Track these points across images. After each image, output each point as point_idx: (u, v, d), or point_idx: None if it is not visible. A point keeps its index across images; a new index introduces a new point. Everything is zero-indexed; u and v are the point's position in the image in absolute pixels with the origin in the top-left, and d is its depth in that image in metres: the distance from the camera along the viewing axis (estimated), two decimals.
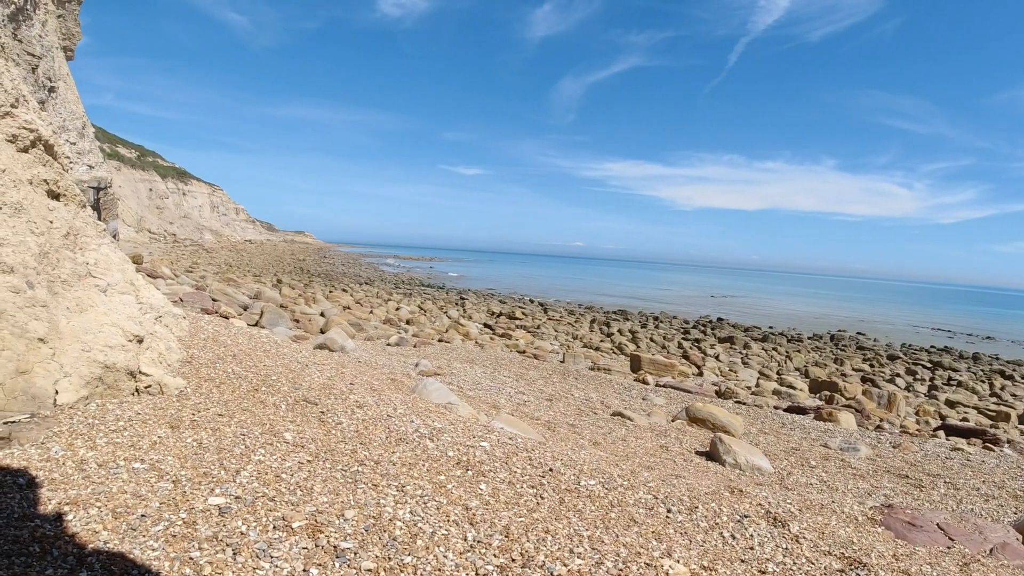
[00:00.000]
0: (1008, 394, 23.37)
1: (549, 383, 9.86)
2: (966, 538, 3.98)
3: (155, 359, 4.26)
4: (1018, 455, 10.39)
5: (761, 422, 9.49)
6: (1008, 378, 27.29)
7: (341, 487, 2.98)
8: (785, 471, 6.59)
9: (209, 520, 2.52)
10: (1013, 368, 30.48)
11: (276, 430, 3.61)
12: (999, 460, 8.96)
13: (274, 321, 13.28)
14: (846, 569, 3.10)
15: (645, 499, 3.56)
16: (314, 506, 2.74)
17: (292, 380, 4.88)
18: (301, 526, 2.56)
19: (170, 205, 66.96)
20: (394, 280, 54.16)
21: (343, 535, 2.54)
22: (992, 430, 13.45)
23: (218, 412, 3.79)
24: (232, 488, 2.79)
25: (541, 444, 4.55)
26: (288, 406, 4.17)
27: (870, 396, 16.25)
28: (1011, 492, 7.07)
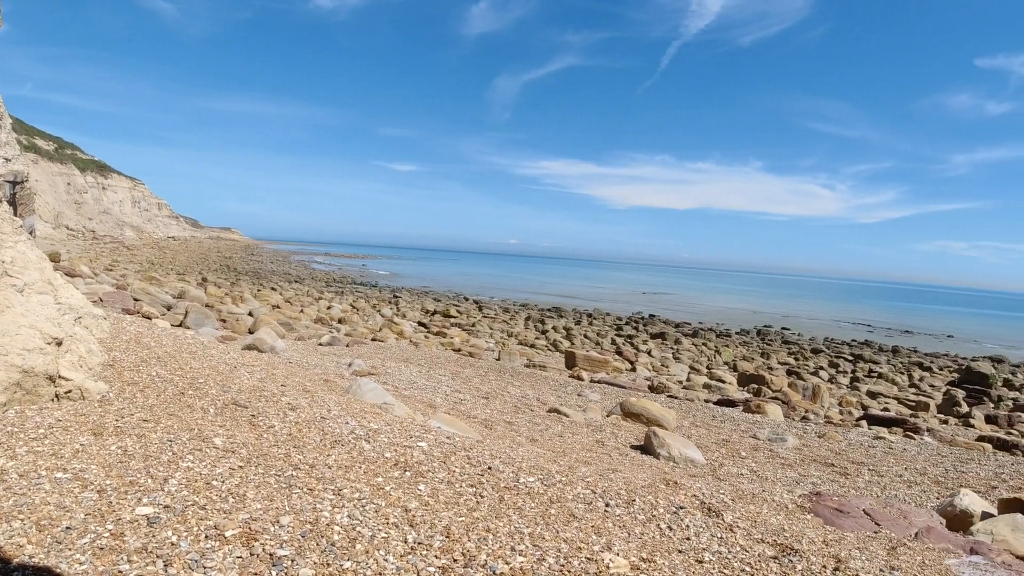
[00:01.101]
0: (926, 385, 24.50)
1: (485, 381, 9.86)
2: (892, 523, 4.14)
3: (76, 363, 4.08)
4: (938, 443, 10.89)
5: (693, 415, 9.69)
6: (926, 370, 28.60)
7: (275, 493, 2.91)
8: (717, 462, 6.75)
9: (137, 531, 2.42)
10: (931, 360, 31.97)
11: (205, 435, 3.51)
12: (920, 448, 9.37)
13: (200, 321, 12.91)
14: (779, 556, 3.19)
15: (584, 494, 3.58)
16: (248, 513, 2.66)
17: (220, 383, 4.75)
18: (235, 534, 2.49)
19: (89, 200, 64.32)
20: (325, 278, 53.32)
21: (279, 542, 2.48)
22: (912, 419, 14.06)
23: (143, 418, 3.66)
24: (160, 497, 2.70)
25: (479, 442, 4.54)
26: (217, 410, 4.05)
27: (796, 388, 16.79)
28: (932, 478, 7.40)
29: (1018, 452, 11.32)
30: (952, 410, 18.37)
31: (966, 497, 5.41)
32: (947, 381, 25.44)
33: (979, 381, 23.68)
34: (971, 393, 22.00)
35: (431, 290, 50.92)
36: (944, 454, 9.00)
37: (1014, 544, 4.29)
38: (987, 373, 24.28)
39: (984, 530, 4.50)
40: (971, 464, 8.36)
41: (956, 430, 14.73)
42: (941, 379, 26.22)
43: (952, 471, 7.86)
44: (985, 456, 9.38)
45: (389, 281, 59.73)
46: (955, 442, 11.33)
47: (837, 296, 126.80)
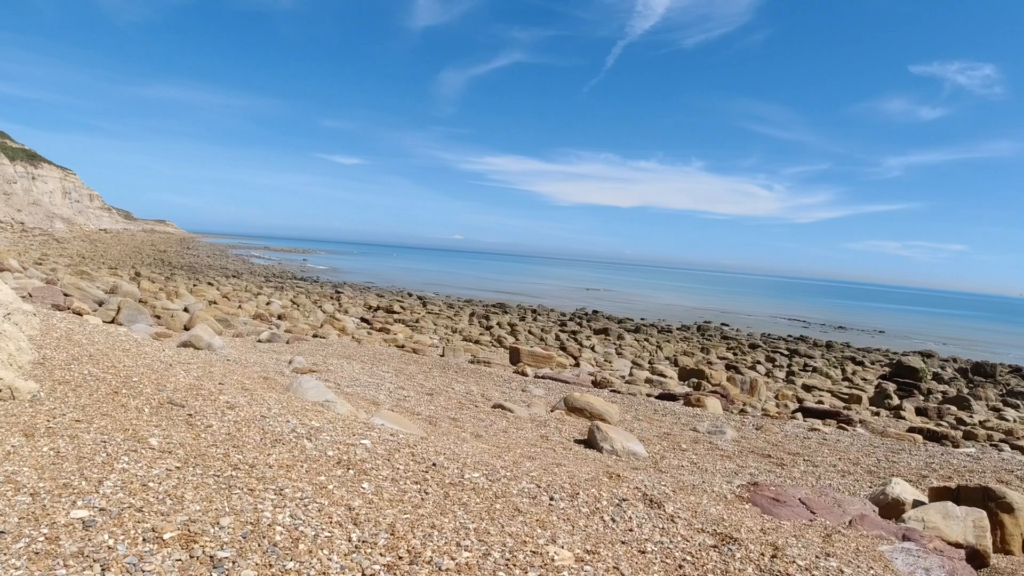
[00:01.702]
0: (859, 378, 25.31)
1: (429, 377, 9.81)
2: (827, 511, 4.26)
3: (4, 361, 3.92)
4: (870, 434, 11.25)
5: (635, 409, 9.81)
6: (859, 364, 29.54)
7: (214, 494, 2.84)
8: (659, 455, 6.85)
9: (73, 535, 2.34)
10: (863, 355, 33.05)
11: (140, 436, 3.40)
12: (853, 439, 9.67)
13: (133, 318, 12.55)
14: (719, 545, 3.25)
15: (528, 488, 3.60)
16: (186, 515, 2.59)
17: (156, 381, 4.61)
18: (173, 537, 2.42)
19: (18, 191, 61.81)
20: (265, 273, 52.30)
21: (220, 544, 2.42)
22: (845, 411, 14.51)
23: (75, 418, 3.53)
24: (96, 500, 2.60)
25: (423, 439, 4.51)
26: (152, 409, 3.93)
27: (734, 382, 17.16)
28: (865, 468, 7.65)
29: (947, 443, 11.78)
30: (884, 403, 19.03)
31: (898, 486, 5.61)
32: (879, 375, 26.32)
33: (909, 375, 24.59)
34: (902, 386, 22.82)
35: (374, 286, 50.44)
36: (876, 445, 9.31)
37: (945, 531, 4.45)
38: (917, 367, 25.23)
39: (916, 517, 4.67)
40: (902, 454, 8.66)
41: (888, 422, 15.26)
42: (873, 373, 27.12)
43: (884, 461, 8.13)
44: (916, 446, 9.73)
45: (331, 276, 58.94)
46: (887, 433, 11.73)
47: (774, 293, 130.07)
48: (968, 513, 4.72)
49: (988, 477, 7.58)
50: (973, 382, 26.90)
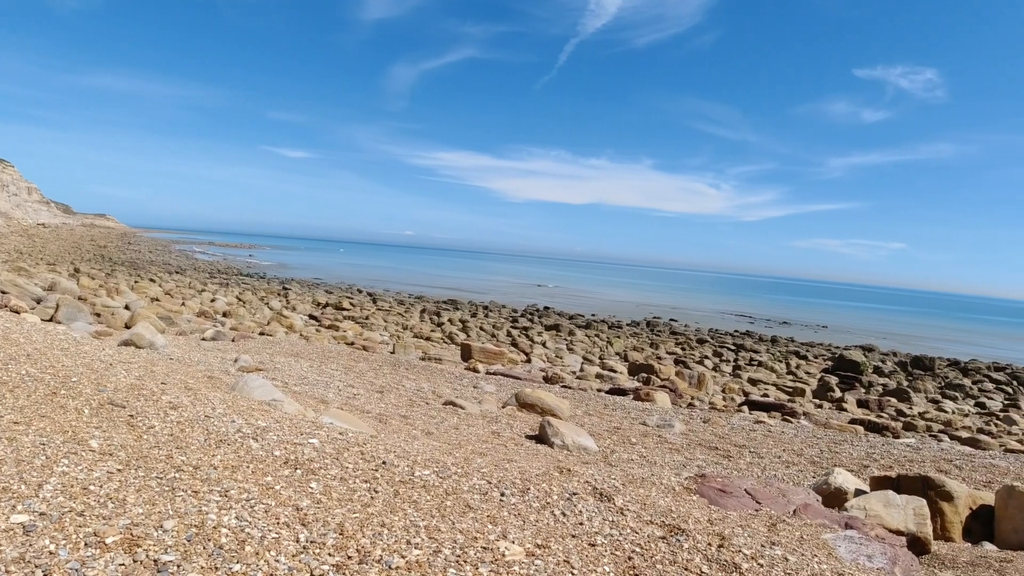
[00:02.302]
0: (803, 372, 25.92)
1: (380, 375, 9.73)
2: (772, 501, 4.35)
3: None
4: (814, 426, 11.54)
5: (586, 404, 9.89)
6: (802, 358, 30.26)
7: (158, 496, 2.77)
8: (609, 449, 6.92)
9: (13, 540, 2.26)
10: (807, 349, 33.88)
11: (80, 438, 3.30)
12: (797, 430, 9.90)
13: (72, 316, 12.18)
14: (667, 536, 3.30)
15: (479, 485, 3.59)
16: (129, 518, 2.52)
17: (96, 381, 4.48)
18: (116, 541, 2.35)
19: None
20: (209, 269, 51.23)
21: (164, 547, 2.36)
22: (790, 404, 14.86)
23: (13, 420, 3.40)
24: (35, 504, 2.52)
25: (373, 437, 4.47)
26: (92, 410, 3.82)
27: (682, 377, 17.42)
28: (809, 458, 7.84)
29: (888, 433, 12.14)
30: (826, 395, 19.53)
31: (840, 475, 5.76)
32: (822, 368, 27.01)
33: (851, 368, 25.28)
34: (844, 379, 23.44)
35: (323, 282, 49.82)
36: (819, 436, 9.54)
37: (886, 518, 4.59)
38: (858, 361, 25.96)
39: (858, 506, 4.80)
40: (844, 445, 8.89)
41: (830, 414, 15.67)
42: (816, 367, 27.81)
43: (827, 452, 8.34)
44: (857, 437, 10.00)
45: (278, 272, 58.02)
46: (829, 425, 12.04)
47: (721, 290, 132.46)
48: (908, 501, 4.87)
49: (928, 467, 7.83)
50: (912, 375, 27.78)
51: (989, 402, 22.28)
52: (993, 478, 7.70)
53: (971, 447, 11.17)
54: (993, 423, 17.71)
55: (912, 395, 21.19)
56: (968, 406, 21.21)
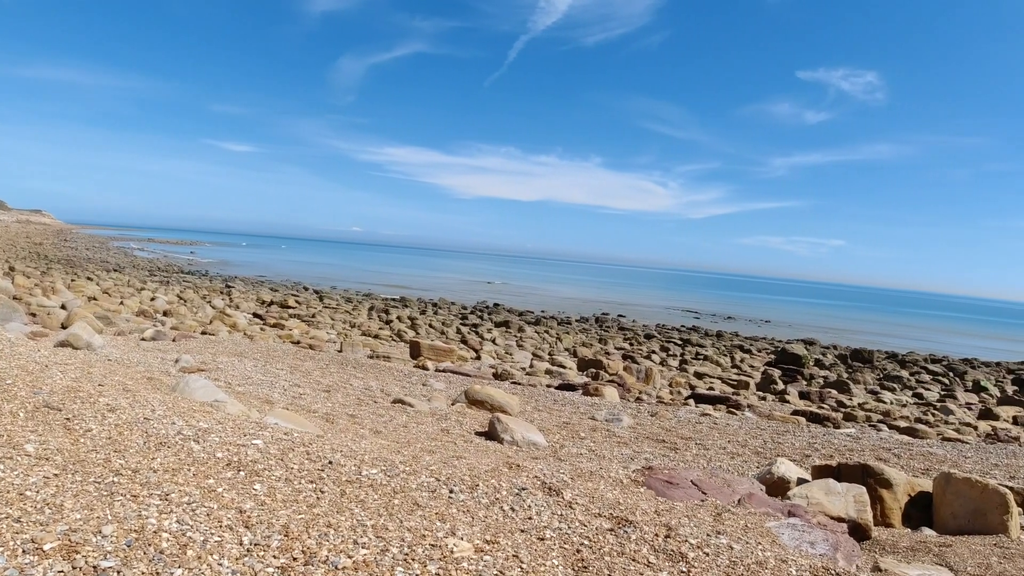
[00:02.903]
0: (747, 366, 26.46)
1: (326, 374, 9.60)
2: (717, 491, 4.43)
3: None
4: (757, 417, 11.78)
5: (535, 400, 9.93)
6: (747, 352, 30.88)
7: (96, 501, 2.68)
8: (558, 444, 6.96)
9: None
10: (751, 343, 34.60)
11: (15, 442, 3.18)
12: (741, 422, 10.10)
13: (6, 316, 11.74)
14: (615, 528, 3.33)
15: (428, 482, 3.57)
16: (67, 524, 2.44)
17: (31, 383, 4.32)
18: (54, 547, 2.28)
19: None
20: (149, 267, 49.85)
21: (103, 553, 2.29)
22: (734, 397, 15.15)
23: None
24: None
25: (319, 437, 4.41)
26: (27, 414, 3.68)
27: (630, 371, 17.62)
28: (753, 449, 8.00)
29: (829, 424, 12.47)
30: (770, 388, 19.97)
31: (783, 465, 5.89)
32: (765, 362, 27.60)
33: (793, 361, 25.91)
34: (786, 372, 24.00)
35: (267, 279, 48.91)
36: (763, 427, 9.75)
37: (827, 506, 4.71)
38: (800, 354, 26.62)
39: (800, 494, 4.91)
40: (787, 435, 9.11)
41: (773, 406, 16.02)
42: (760, 360, 28.41)
43: (770, 442, 8.53)
44: (799, 428, 10.25)
45: (221, 270, 56.75)
46: (772, 416, 12.31)
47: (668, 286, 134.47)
48: (849, 489, 5.01)
49: (867, 455, 8.06)
50: (852, 367, 28.58)
51: (926, 393, 23.05)
52: (931, 466, 7.97)
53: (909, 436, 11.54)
54: (930, 413, 18.33)
55: (852, 387, 21.81)
56: (906, 397, 21.92)
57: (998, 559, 4.18)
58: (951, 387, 25.30)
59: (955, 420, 17.17)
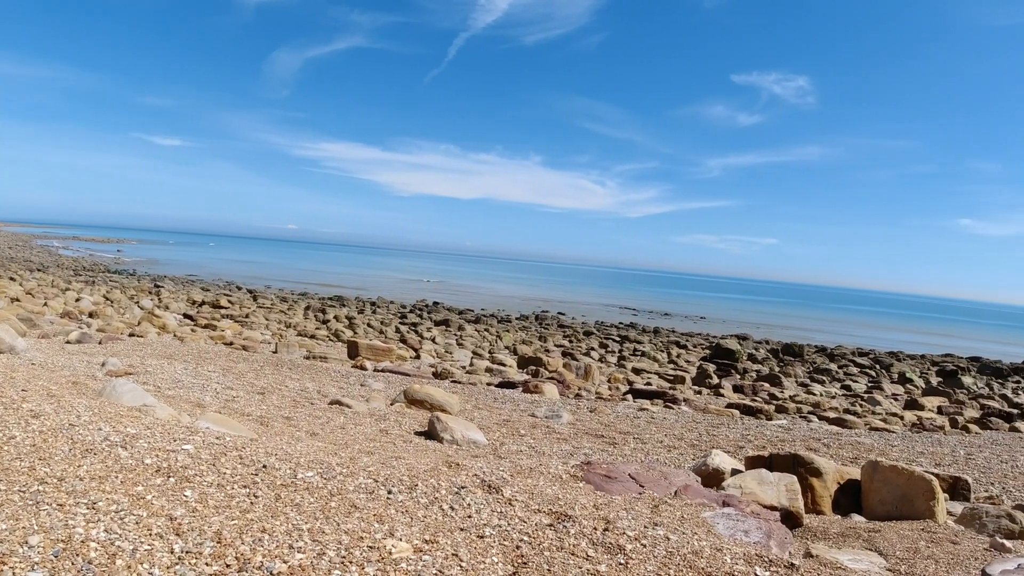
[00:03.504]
0: (683, 361, 26.96)
1: (261, 375, 9.41)
2: (654, 484, 4.51)
3: None
4: (693, 411, 12.02)
5: (476, 398, 9.93)
6: (683, 347, 31.48)
7: (21, 511, 2.58)
8: (499, 441, 6.97)
9: None
10: (687, 339, 35.30)
11: None
12: (678, 416, 10.30)
13: None
14: (554, 523, 3.36)
15: (365, 484, 3.54)
16: None
17: None
18: None
19: None
20: (74, 266, 48.02)
21: (30, 564, 2.21)
22: (671, 391, 15.43)
23: None
24: None
25: (253, 441, 4.32)
26: None
27: (570, 368, 17.77)
28: (688, 442, 8.17)
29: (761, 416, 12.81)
30: (705, 382, 20.38)
31: (717, 457, 6.03)
32: (701, 357, 28.16)
33: (727, 356, 26.51)
34: (721, 367, 24.54)
35: (198, 279, 47.63)
36: (699, 420, 9.96)
37: (760, 495, 4.84)
38: (734, 349, 27.26)
39: (734, 485, 5.04)
40: (722, 428, 9.33)
41: (708, 399, 16.37)
42: (695, 355, 28.97)
43: (705, 435, 8.73)
44: (733, 421, 10.51)
45: (150, 269, 55.03)
46: (708, 410, 12.58)
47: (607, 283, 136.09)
48: (781, 478, 5.16)
49: (798, 445, 8.32)
50: (783, 361, 29.40)
51: (854, 385, 23.88)
52: (859, 454, 8.28)
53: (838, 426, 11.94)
54: (858, 404, 19.00)
55: (783, 380, 22.44)
56: (835, 389, 22.65)
57: (925, 543, 4.35)
58: (878, 379, 26.29)
59: (882, 410, 17.85)
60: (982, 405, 20.58)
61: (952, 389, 24.20)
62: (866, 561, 3.75)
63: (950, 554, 4.06)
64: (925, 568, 3.76)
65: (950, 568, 3.76)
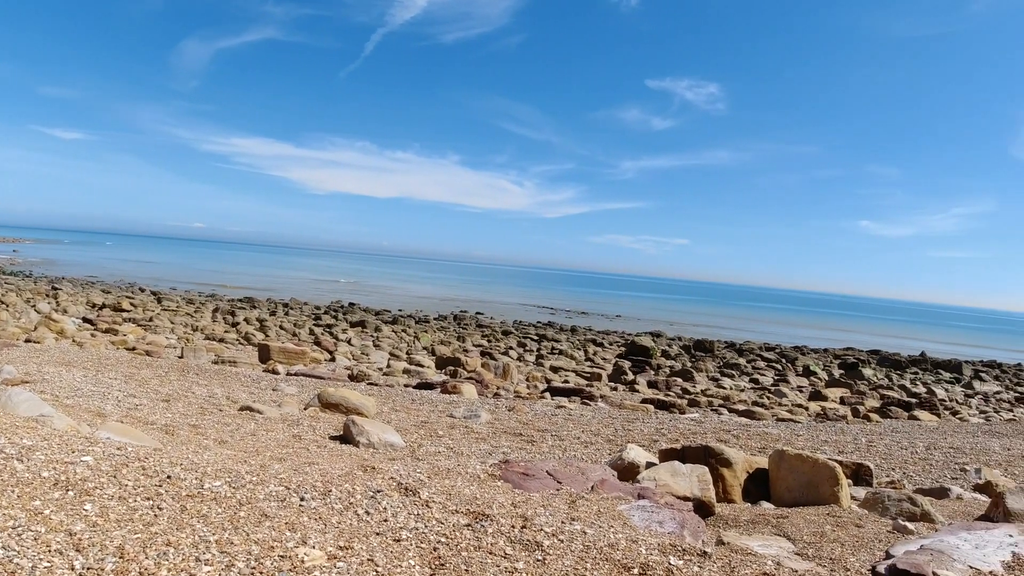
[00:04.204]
0: (599, 358, 27.41)
1: (166, 382, 9.05)
2: (572, 480, 4.55)
3: None
4: (609, 407, 12.23)
5: (393, 400, 9.83)
6: (599, 345, 32.01)
7: None
8: (416, 443, 6.92)
9: None
10: (603, 337, 35.92)
11: None
12: (594, 412, 10.46)
13: None
14: (472, 523, 3.35)
15: (277, 491, 3.44)
16: None
17: None
18: None
19: None
20: None
21: None
22: (588, 388, 15.66)
23: None
24: None
25: (157, 450, 4.14)
26: None
27: (488, 368, 17.81)
28: (605, 437, 8.31)
29: (675, 410, 13.15)
30: (621, 378, 20.79)
31: (632, 451, 6.15)
32: (616, 354, 28.71)
33: (642, 353, 27.12)
34: (636, 363, 25.08)
35: (99, 280, 45.49)
36: (615, 416, 10.15)
37: (674, 487, 4.96)
38: (648, 346, 27.91)
39: (649, 477, 5.15)
40: (637, 423, 9.52)
41: (624, 395, 16.69)
42: (612, 353, 29.51)
43: (621, 430, 8.90)
44: (648, 415, 10.75)
45: (46, 270, 52.19)
46: (623, 405, 12.83)
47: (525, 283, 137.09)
48: (693, 469, 5.30)
49: (709, 437, 8.57)
50: (695, 357, 30.27)
51: (762, 378, 24.83)
52: (767, 444, 8.60)
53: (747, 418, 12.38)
54: (766, 396, 19.78)
55: (695, 375, 23.11)
56: (744, 382, 23.49)
57: (831, 527, 4.54)
58: (784, 372, 27.40)
59: (788, 402, 18.63)
60: (882, 395, 21.77)
61: (854, 380, 25.49)
62: (775, 546, 3.88)
63: (855, 537, 4.24)
64: (832, 551, 3.92)
65: (855, 551, 3.92)
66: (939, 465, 8.61)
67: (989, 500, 5.29)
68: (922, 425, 13.63)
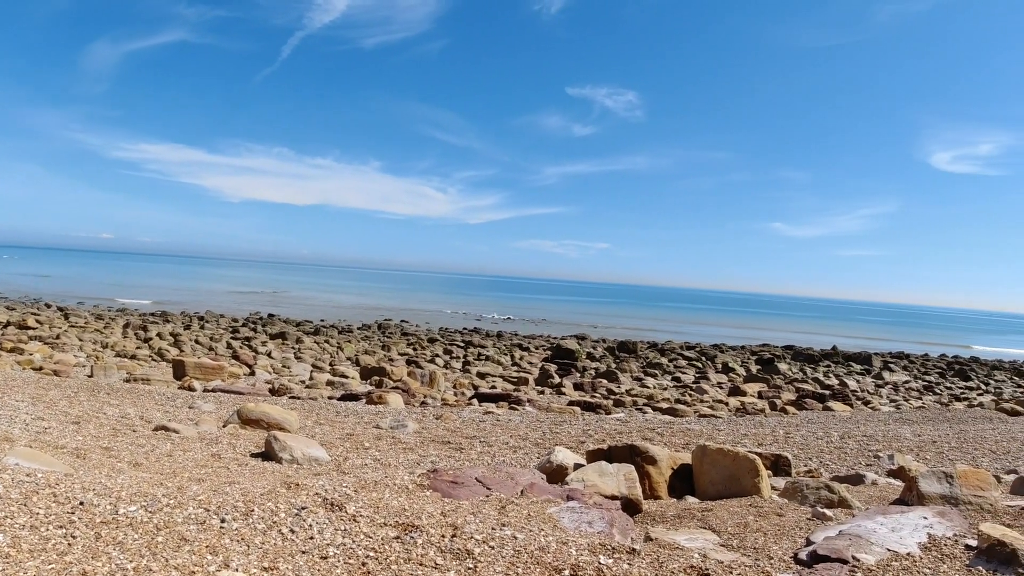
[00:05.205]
0: (526, 362, 27.56)
1: (75, 403, 8.63)
2: (501, 485, 4.55)
3: None
4: (537, 411, 12.30)
5: (316, 414, 9.64)
6: (525, 350, 32.18)
7: None
8: (342, 457, 6.79)
9: None
10: (529, 341, 36.13)
11: None
12: (522, 417, 10.49)
13: None
14: (401, 535, 3.31)
15: (196, 514, 3.33)
16: None
17: None
18: None
19: None
20: None
21: None
22: (515, 393, 15.70)
23: None
24: None
25: (68, 476, 3.95)
26: None
27: (415, 376, 17.67)
28: (533, 441, 8.34)
29: (601, 411, 13.33)
30: (547, 382, 20.96)
31: (560, 453, 6.20)
32: (542, 358, 28.92)
33: (568, 356, 27.40)
34: (562, 366, 25.33)
35: (2, 296, 43.15)
36: (542, 419, 10.20)
37: (602, 486, 5.02)
38: (574, 349, 28.21)
39: (577, 479, 5.20)
40: (564, 425, 9.60)
41: (551, 398, 16.83)
42: (538, 356, 29.71)
43: (549, 433, 8.95)
44: (575, 417, 10.86)
45: None
46: (551, 409, 12.93)
47: (450, 289, 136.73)
48: (620, 468, 5.38)
49: (634, 436, 8.72)
50: (619, 358, 30.77)
51: (683, 376, 25.43)
52: (690, 440, 8.80)
53: (671, 416, 12.66)
54: (688, 394, 20.27)
55: (620, 375, 23.51)
56: (666, 381, 24.02)
57: (754, 517, 4.66)
58: (704, 370, 28.13)
59: (709, 398, 19.15)
60: (797, 388, 22.60)
61: (770, 375, 26.40)
62: (701, 539, 3.97)
63: (777, 526, 4.37)
64: (755, 540, 4.02)
65: (778, 538, 4.04)
66: (854, 453, 8.99)
67: (903, 485, 5.52)
68: (836, 415, 14.22)
